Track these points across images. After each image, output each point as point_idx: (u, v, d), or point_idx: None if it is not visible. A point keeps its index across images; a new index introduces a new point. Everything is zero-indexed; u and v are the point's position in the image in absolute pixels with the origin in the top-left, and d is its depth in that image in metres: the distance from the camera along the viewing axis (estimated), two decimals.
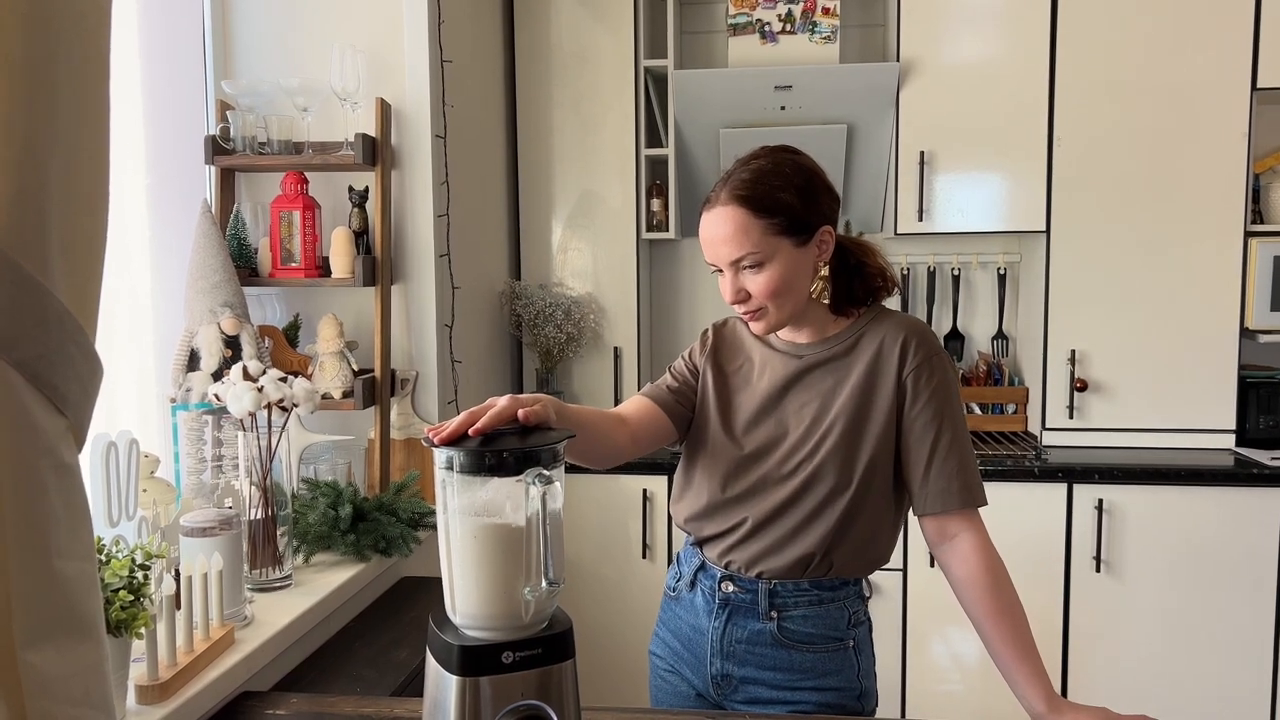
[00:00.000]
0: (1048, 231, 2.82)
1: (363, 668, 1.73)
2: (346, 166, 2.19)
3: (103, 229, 0.85)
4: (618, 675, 2.72)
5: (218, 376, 1.92)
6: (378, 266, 2.21)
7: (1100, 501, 2.63)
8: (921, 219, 2.87)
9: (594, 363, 3.04)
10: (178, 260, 2.07)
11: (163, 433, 2.03)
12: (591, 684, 2.42)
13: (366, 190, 2.24)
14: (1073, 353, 2.81)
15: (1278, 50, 2.68)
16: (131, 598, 1.23)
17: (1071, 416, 2.83)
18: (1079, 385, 2.80)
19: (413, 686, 1.67)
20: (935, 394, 1.36)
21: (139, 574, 1.26)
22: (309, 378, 2.08)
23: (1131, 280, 2.78)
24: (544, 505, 1.04)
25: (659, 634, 1.54)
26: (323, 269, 2.22)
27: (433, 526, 2.03)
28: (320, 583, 1.82)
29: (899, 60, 2.83)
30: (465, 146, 2.56)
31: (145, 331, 2.03)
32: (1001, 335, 3.18)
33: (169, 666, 1.34)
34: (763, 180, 1.33)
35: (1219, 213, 2.74)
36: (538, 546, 1.06)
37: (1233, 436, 2.78)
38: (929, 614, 2.70)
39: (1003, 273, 3.15)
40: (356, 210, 2.24)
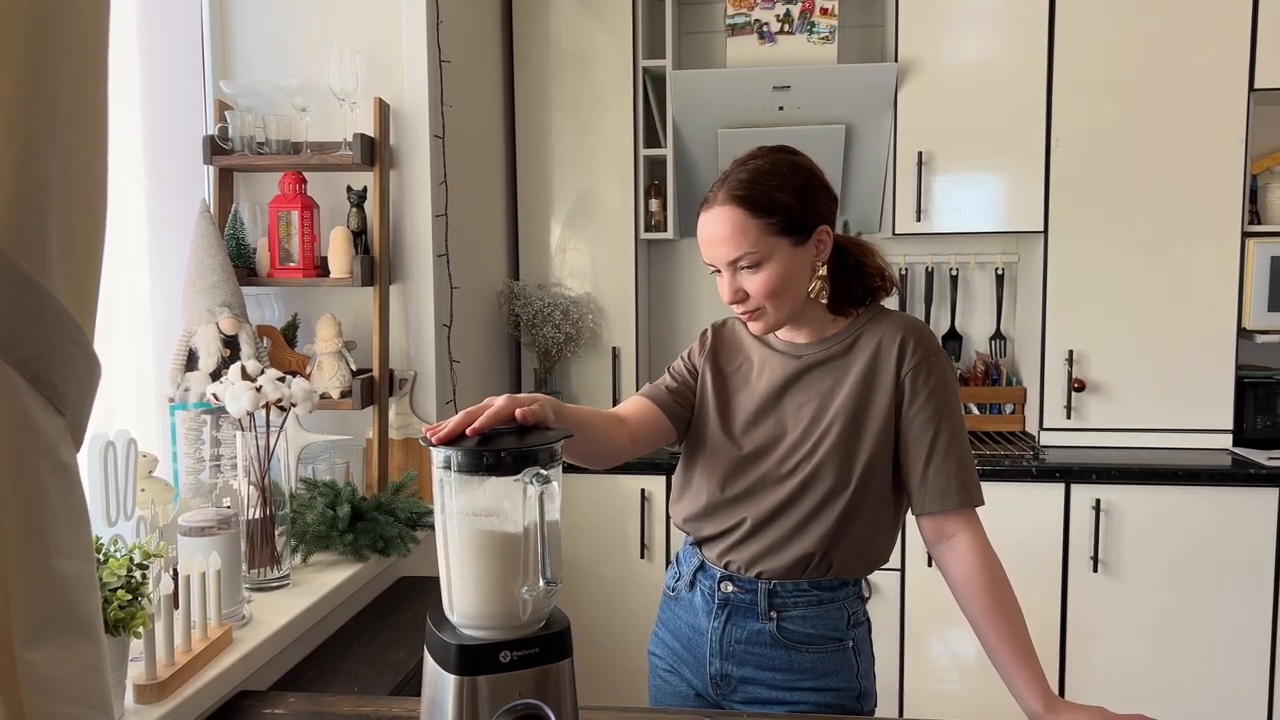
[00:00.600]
0: (1046, 232, 2.82)
1: (361, 667, 1.74)
2: (345, 166, 2.19)
3: (101, 229, 0.85)
4: (616, 675, 2.73)
5: (216, 376, 1.92)
6: (376, 266, 2.21)
7: (1098, 501, 2.63)
8: (920, 219, 2.88)
9: (592, 363, 3.04)
10: (176, 260, 2.07)
11: (161, 432, 2.03)
12: (590, 684, 2.41)
13: (365, 190, 2.24)
14: (1070, 353, 2.82)
15: (1275, 51, 2.68)
16: (130, 597, 1.23)
17: (1069, 416, 2.83)
18: (1077, 385, 2.81)
19: (411, 686, 1.68)
20: (934, 393, 1.36)
21: (137, 573, 1.26)
22: (307, 377, 2.08)
23: (1129, 280, 2.79)
24: (542, 505, 1.04)
25: (658, 634, 1.55)
26: (321, 269, 2.22)
27: (431, 526, 2.03)
28: (318, 582, 1.82)
29: (897, 60, 2.83)
30: (464, 147, 2.56)
31: (144, 331, 2.04)
32: (999, 335, 3.18)
33: (167, 666, 1.34)
34: (760, 180, 1.33)
35: (1217, 213, 2.74)
36: (535, 546, 1.06)
37: (1230, 436, 2.79)
38: (927, 614, 2.70)
39: (1001, 273, 3.15)
40: (355, 210, 2.24)
